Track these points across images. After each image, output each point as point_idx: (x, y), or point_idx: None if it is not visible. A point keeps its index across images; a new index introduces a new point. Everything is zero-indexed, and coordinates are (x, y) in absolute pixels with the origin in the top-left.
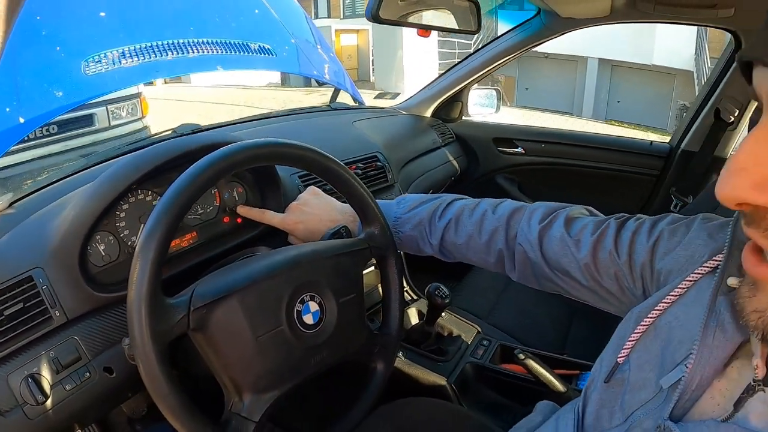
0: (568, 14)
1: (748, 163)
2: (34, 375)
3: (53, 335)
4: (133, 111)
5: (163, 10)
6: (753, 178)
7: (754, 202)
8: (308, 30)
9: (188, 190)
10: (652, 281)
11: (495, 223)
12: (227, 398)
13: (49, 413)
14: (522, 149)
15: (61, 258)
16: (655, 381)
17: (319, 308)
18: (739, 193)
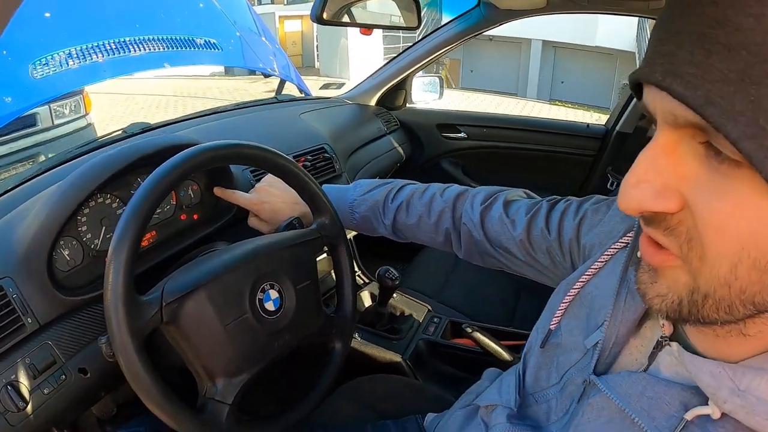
0: (506, 6)
1: (648, 175)
2: (13, 382)
3: (27, 342)
4: (77, 108)
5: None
6: (653, 188)
7: (655, 209)
8: (252, 22)
9: (154, 193)
10: (579, 255)
11: (442, 205)
12: (200, 385)
13: (30, 418)
14: (465, 134)
15: (30, 266)
16: (582, 343)
17: (278, 296)
18: (642, 204)
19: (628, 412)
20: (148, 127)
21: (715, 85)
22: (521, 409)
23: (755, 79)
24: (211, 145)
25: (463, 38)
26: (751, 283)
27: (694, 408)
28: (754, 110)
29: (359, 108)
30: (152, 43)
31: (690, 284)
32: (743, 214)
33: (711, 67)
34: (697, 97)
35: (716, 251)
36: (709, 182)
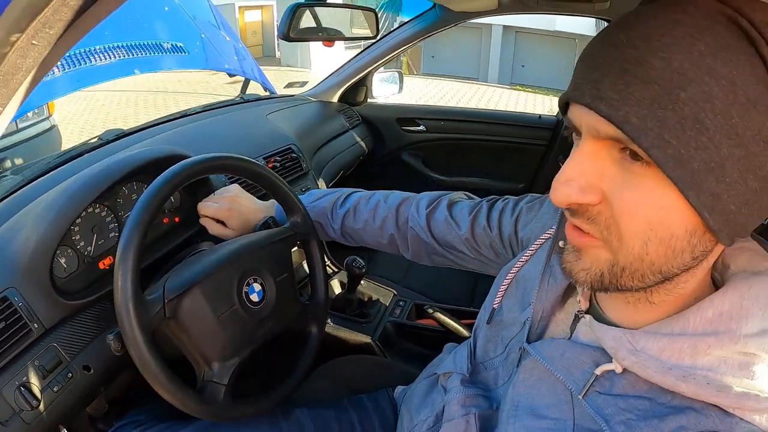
0: (459, 9)
1: (575, 175)
2: (25, 384)
3: (35, 345)
4: (40, 111)
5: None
6: (579, 185)
7: (580, 201)
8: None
9: (152, 205)
10: (518, 247)
11: (386, 211)
12: (198, 370)
13: (43, 415)
14: (424, 127)
15: (33, 276)
16: (519, 318)
17: (261, 288)
18: (570, 197)
19: (552, 371)
20: (123, 134)
21: (632, 108)
22: (473, 375)
23: (662, 105)
24: (199, 158)
25: (420, 38)
26: (659, 257)
27: (603, 365)
28: (660, 128)
29: (322, 105)
30: (122, 51)
31: (610, 260)
32: (650, 202)
33: (630, 95)
34: (619, 117)
35: (631, 232)
36: (623, 179)
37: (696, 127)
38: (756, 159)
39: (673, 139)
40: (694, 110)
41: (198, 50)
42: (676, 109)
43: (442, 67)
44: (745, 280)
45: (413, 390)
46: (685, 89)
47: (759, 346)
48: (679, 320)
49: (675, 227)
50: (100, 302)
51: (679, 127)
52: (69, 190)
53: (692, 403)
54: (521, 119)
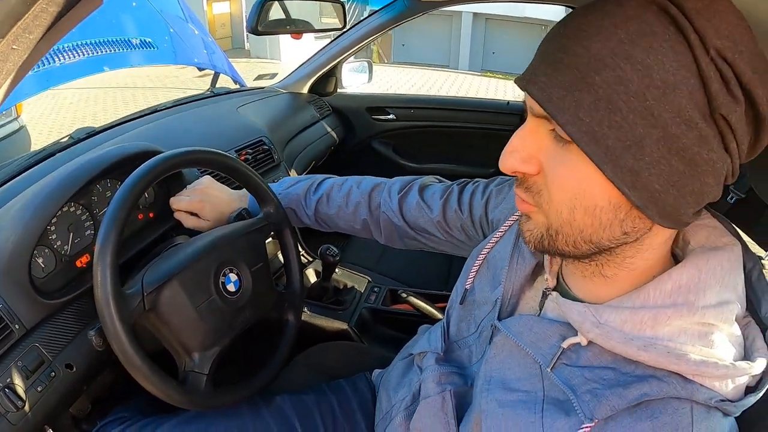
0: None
1: (518, 147)
2: (9, 385)
3: (17, 346)
4: (8, 112)
5: None
6: (521, 156)
7: (522, 170)
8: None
9: (127, 201)
10: (488, 228)
11: (359, 196)
12: (179, 361)
13: (28, 416)
14: (394, 116)
15: (12, 277)
16: (490, 297)
17: (237, 278)
18: (514, 166)
19: (521, 346)
20: (94, 131)
21: (555, 90)
22: (447, 353)
23: (578, 87)
24: (172, 153)
25: (389, 27)
26: (585, 225)
27: (569, 338)
28: (576, 107)
29: (293, 96)
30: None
31: (546, 223)
32: (574, 175)
33: (555, 78)
34: (543, 97)
35: (559, 199)
36: (555, 154)
37: (609, 108)
38: (678, 141)
39: (586, 117)
40: (608, 92)
41: (167, 45)
42: (591, 90)
43: (413, 56)
44: (702, 254)
45: (390, 372)
46: (599, 73)
47: (717, 317)
48: (639, 294)
49: (597, 198)
50: (79, 300)
51: (593, 107)
52: (44, 190)
53: (655, 371)
54: (490, 105)
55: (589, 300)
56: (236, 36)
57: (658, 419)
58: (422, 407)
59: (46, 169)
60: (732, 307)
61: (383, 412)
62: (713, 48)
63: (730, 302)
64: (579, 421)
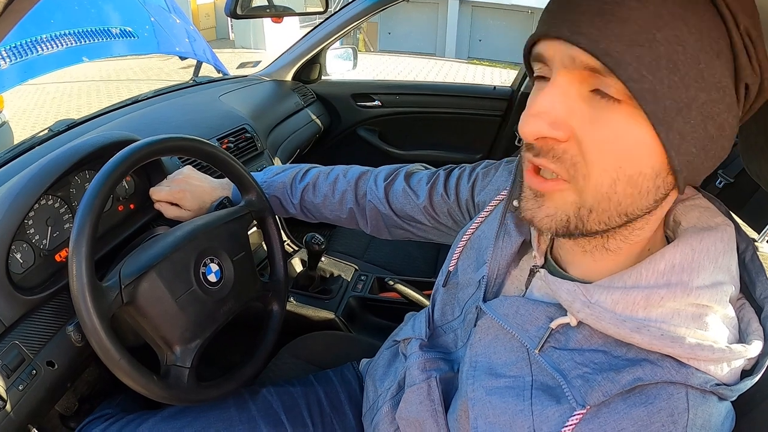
0: None
1: (545, 108)
2: None
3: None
4: None
5: None
6: (549, 119)
7: (549, 135)
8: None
9: (101, 191)
10: (475, 212)
11: (345, 185)
12: (161, 355)
13: (11, 415)
14: (379, 102)
15: None
16: (474, 278)
17: (219, 268)
18: (540, 130)
19: (507, 328)
20: (73, 123)
21: (611, 43)
22: (432, 339)
23: (639, 42)
24: (146, 141)
25: (372, 12)
26: (626, 196)
27: (557, 318)
28: (638, 63)
29: (276, 84)
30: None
31: (577, 202)
32: (621, 138)
33: (609, 31)
34: (599, 50)
35: (600, 169)
36: (593, 116)
37: (669, 66)
38: (716, 106)
39: (649, 74)
40: (668, 50)
41: (148, 34)
42: (652, 47)
43: (399, 44)
44: (696, 234)
45: (376, 361)
46: (660, 30)
47: (711, 298)
48: (632, 273)
49: (643, 165)
50: (58, 295)
51: (654, 64)
52: (19, 184)
53: (648, 354)
54: (476, 91)
55: (579, 277)
56: (221, 26)
57: (653, 405)
58: (408, 395)
59: (23, 163)
60: (726, 288)
61: (370, 402)
62: (742, 24)
63: (724, 283)
64: (570, 408)
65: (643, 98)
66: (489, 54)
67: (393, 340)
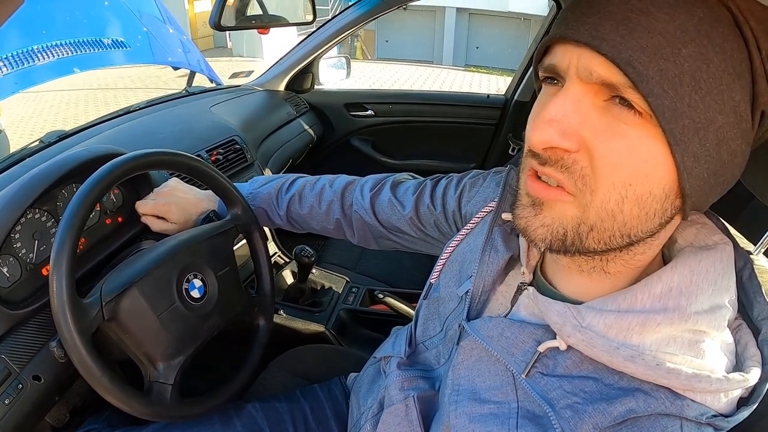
0: None
1: (558, 117)
2: None
3: None
4: None
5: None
6: (561, 128)
7: (560, 145)
8: (159, 13)
9: (82, 207)
10: (462, 223)
11: (331, 195)
12: (144, 371)
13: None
14: (372, 111)
15: None
16: (455, 293)
17: (202, 283)
18: (552, 140)
19: (491, 351)
20: (65, 134)
21: (635, 53)
22: (413, 356)
23: (664, 56)
24: (129, 156)
25: (365, 20)
26: (632, 217)
27: (546, 342)
28: (661, 77)
29: (268, 94)
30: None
31: (578, 217)
32: (635, 154)
33: (633, 40)
34: (622, 59)
35: (608, 184)
36: (606, 128)
37: (692, 84)
38: (731, 130)
39: (671, 90)
40: (692, 67)
41: (140, 44)
42: (676, 62)
43: (396, 52)
44: (694, 254)
45: (361, 377)
46: (686, 45)
47: (709, 324)
48: (626, 296)
49: (654, 185)
50: (45, 309)
51: (677, 80)
52: (4, 198)
53: (641, 384)
54: (470, 99)
55: (571, 295)
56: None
57: None
58: (386, 416)
59: (13, 175)
60: (724, 311)
61: (354, 420)
62: (765, 50)
63: (722, 307)
64: None
65: (662, 115)
66: (486, 61)
67: (374, 356)
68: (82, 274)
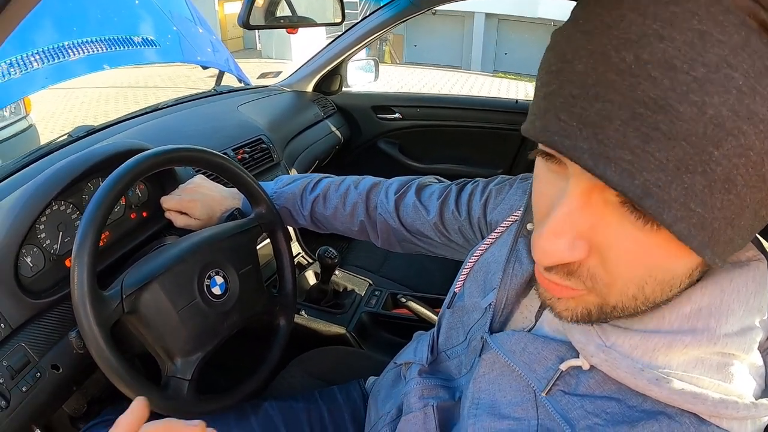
0: None
1: (564, 230)
2: None
3: (2, 346)
4: (17, 110)
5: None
6: (568, 241)
7: (569, 260)
8: (189, 14)
9: (106, 200)
10: (486, 231)
11: (356, 197)
12: (162, 366)
13: (12, 416)
14: (399, 114)
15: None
16: (480, 303)
17: (224, 281)
18: (560, 257)
19: (513, 366)
20: (93, 129)
21: (653, 174)
22: (434, 364)
23: (690, 168)
24: (154, 152)
25: (394, 23)
26: (654, 293)
27: (568, 360)
28: (687, 196)
29: (296, 95)
30: (90, 46)
31: (599, 302)
32: (655, 255)
33: (648, 156)
34: (635, 188)
35: (626, 278)
36: (618, 227)
37: (725, 188)
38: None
39: (699, 208)
40: (727, 169)
41: (170, 43)
42: (706, 171)
43: (424, 56)
44: (726, 273)
45: (380, 382)
46: (720, 146)
47: (739, 346)
48: (653, 316)
49: (677, 269)
50: (66, 300)
51: (707, 192)
52: (30, 190)
53: (665, 407)
54: (498, 104)
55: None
56: (248, 36)
57: None
58: (404, 423)
59: (40, 168)
60: (755, 333)
61: (371, 424)
62: None
63: (753, 328)
64: None
65: (688, 236)
66: (515, 67)
67: (394, 362)
68: (105, 267)
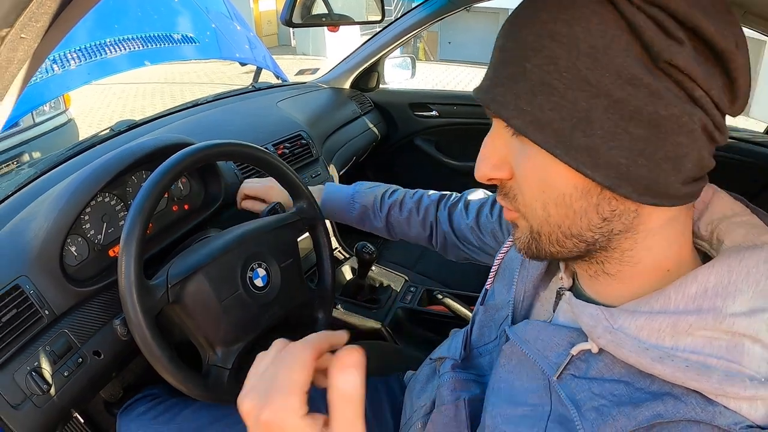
0: None
1: (488, 153)
2: (36, 369)
3: (46, 331)
4: (56, 105)
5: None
6: (492, 162)
7: (495, 176)
8: (226, 11)
9: (153, 193)
10: None
11: (428, 202)
12: (203, 354)
13: (53, 399)
14: (436, 112)
15: (44, 264)
16: (506, 300)
17: (266, 273)
18: (487, 174)
19: (528, 354)
20: (134, 124)
21: (497, 89)
22: (467, 361)
23: (515, 79)
24: (200, 146)
25: (431, 21)
26: (561, 217)
27: (578, 344)
28: (516, 99)
29: (334, 92)
30: (131, 43)
31: (528, 226)
32: (534, 167)
33: (495, 79)
34: (487, 99)
35: (530, 197)
36: (518, 152)
37: (544, 90)
38: (628, 104)
39: (527, 106)
40: (540, 75)
41: (209, 40)
42: (525, 79)
43: (459, 53)
44: (736, 253)
45: (416, 376)
46: (529, 59)
47: (748, 327)
48: (660, 297)
49: (562, 187)
50: (109, 289)
51: (530, 94)
52: (77, 181)
53: (672, 388)
54: None
55: (603, 301)
56: (282, 33)
57: None
58: (436, 415)
59: (84, 160)
60: (766, 316)
61: (407, 417)
62: None
63: (764, 310)
64: None
65: (526, 130)
66: None
67: (429, 358)
68: (148, 258)
